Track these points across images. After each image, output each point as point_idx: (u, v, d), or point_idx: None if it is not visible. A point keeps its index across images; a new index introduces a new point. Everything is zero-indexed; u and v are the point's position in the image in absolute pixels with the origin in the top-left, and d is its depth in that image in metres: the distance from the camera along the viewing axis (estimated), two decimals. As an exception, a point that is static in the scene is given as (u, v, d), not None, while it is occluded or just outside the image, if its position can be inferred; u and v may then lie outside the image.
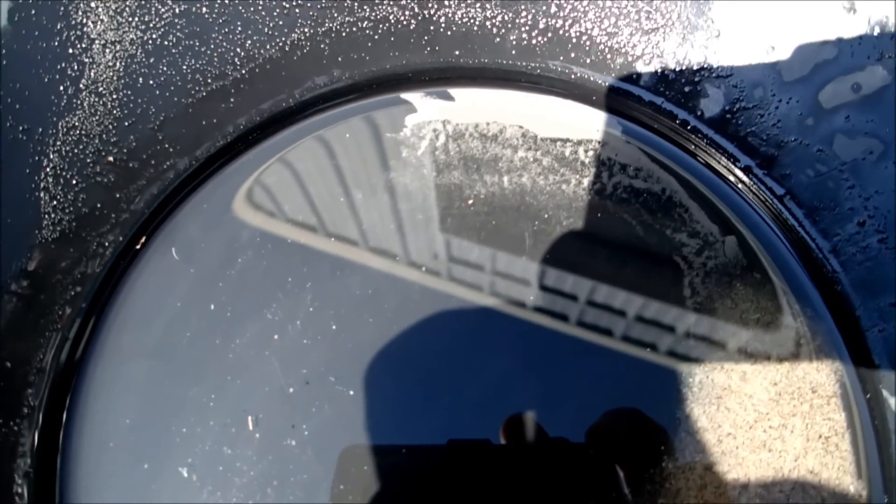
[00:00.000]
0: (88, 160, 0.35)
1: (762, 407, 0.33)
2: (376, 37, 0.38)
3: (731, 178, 0.37)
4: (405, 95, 0.39)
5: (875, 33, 0.31)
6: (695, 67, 0.36)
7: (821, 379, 0.33)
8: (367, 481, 0.32)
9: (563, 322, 0.35)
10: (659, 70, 0.37)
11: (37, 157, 0.33)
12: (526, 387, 0.34)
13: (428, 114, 0.39)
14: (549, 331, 0.35)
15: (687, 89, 0.37)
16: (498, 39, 0.38)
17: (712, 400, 0.33)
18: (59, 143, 0.34)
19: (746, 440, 0.33)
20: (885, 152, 0.32)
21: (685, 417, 0.33)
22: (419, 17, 0.38)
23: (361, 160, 0.38)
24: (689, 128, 0.38)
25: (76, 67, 0.34)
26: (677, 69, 0.37)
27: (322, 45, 0.38)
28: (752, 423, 0.33)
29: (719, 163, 0.37)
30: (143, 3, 0.34)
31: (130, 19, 0.34)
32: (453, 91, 0.39)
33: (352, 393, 0.34)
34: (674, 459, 0.32)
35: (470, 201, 0.37)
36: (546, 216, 0.37)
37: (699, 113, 0.37)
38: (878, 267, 0.32)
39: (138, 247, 0.36)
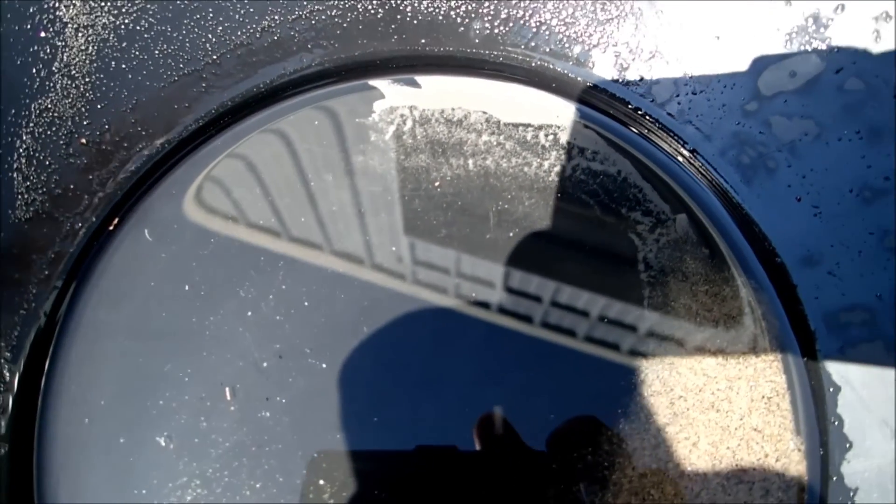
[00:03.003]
0: (61, 142, 0.35)
1: (710, 371, 0.35)
2: (345, 25, 0.40)
3: (681, 159, 0.39)
4: (373, 82, 0.41)
5: (809, 24, 0.34)
6: (647, 56, 0.39)
7: (764, 344, 0.36)
8: (340, 480, 0.34)
9: (527, 323, 0.37)
10: (614, 58, 0.39)
11: (10, 139, 0.34)
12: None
13: (395, 100, 0.40)
14: (511, 331, 0.36)
15: (639, 76, 0.39)
16: (462, 28, 0.40)
17: (665, 366, 0.36)
18: (31, 124, 0.34)
19: (696, 402, 0.35)
20: (819, 134, 0.35)
21: (640, 382, 0.35)
22: (386, 7, 0.39)
23: (331, 144, 0.39)
24: (641, 113, 0.40)
25: (48, 50, 0.34)
26: (631, 57, 0.39)
27: (292, 33, 0.39)
28: (702, 386, 0.35)
29: (670, 145, 0.40)
30: (116, -13, 0.35)
31: (103, 4, 0.35)
32: (420, 78, 0.41)
33: (324, 366, 0.35)
34: (629, 421, 0.35)
35: (437, 183, 0.39)
36: (509, 196, 0.39)
37: (651, 99, 0.39)
38: (813, 239, 0.35)
39: (111, 228, 0.37)
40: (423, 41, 0.40)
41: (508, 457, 0.33)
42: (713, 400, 0.35)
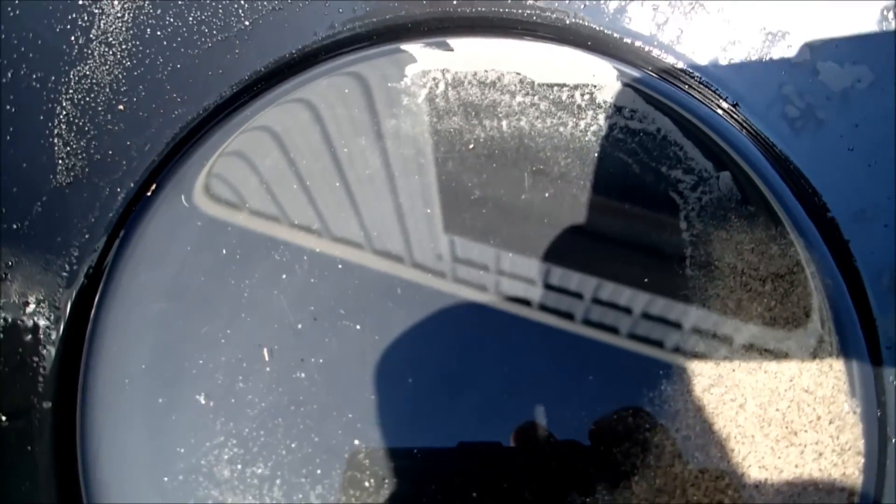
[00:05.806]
0: (100, 108, 0.36)
1: (758, 332, 0.34)
2: (376, -13, 0.39)
3: (724, 115, 0.38)
4: (405, 46, 0.40)
5: (860, -37, 0.32)
6: (686, 8, 0.37)
7: (814, 303, 0.34)
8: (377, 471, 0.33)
9: (569, 319, 0.35)
10: (651, 12, 0.38)
11: (50, 105, 0.34)
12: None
13: (427, 63, 0.40)
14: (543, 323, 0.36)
15: (679, 30, 0.38)
16: (494, -13, 0.39)
17: (709, 327, 0.34)
18: (71, 91, 0.35)
19: (743, 363, 0.34)
20: (874, 81, 0.33)
21: (683, 342, 0.34)
22: (417, -32, 0.39)
23: (363, 108, 0.39)
24: (681, 68, 0.38)
25: (86, 18, 0.35)
26: (670, 10, 0.38)
27: (323, -3, 0.39)
28: (749, 347, 0.34)
29: (711, 100, 0.38)
30: (149, -48, 0.35)
31: (138, -30, 0.35)
32: (452, 41, 0.40)
33: (358, 328, 0.35)
34: (672, 383, 0.33)
35: (471, 145, 0.38)
36: (544, 158, 0.38)
37: (691, 53, 0.38)
38: (867, 192, 0.33)
39: (149, 193, 0.38)
40: (454, 2, 0.40)
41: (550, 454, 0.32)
42: (761, 361, 0.34)
